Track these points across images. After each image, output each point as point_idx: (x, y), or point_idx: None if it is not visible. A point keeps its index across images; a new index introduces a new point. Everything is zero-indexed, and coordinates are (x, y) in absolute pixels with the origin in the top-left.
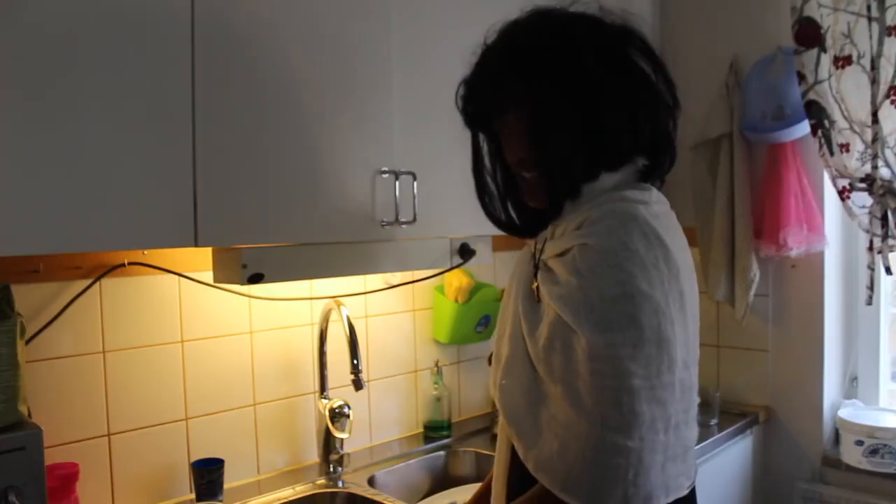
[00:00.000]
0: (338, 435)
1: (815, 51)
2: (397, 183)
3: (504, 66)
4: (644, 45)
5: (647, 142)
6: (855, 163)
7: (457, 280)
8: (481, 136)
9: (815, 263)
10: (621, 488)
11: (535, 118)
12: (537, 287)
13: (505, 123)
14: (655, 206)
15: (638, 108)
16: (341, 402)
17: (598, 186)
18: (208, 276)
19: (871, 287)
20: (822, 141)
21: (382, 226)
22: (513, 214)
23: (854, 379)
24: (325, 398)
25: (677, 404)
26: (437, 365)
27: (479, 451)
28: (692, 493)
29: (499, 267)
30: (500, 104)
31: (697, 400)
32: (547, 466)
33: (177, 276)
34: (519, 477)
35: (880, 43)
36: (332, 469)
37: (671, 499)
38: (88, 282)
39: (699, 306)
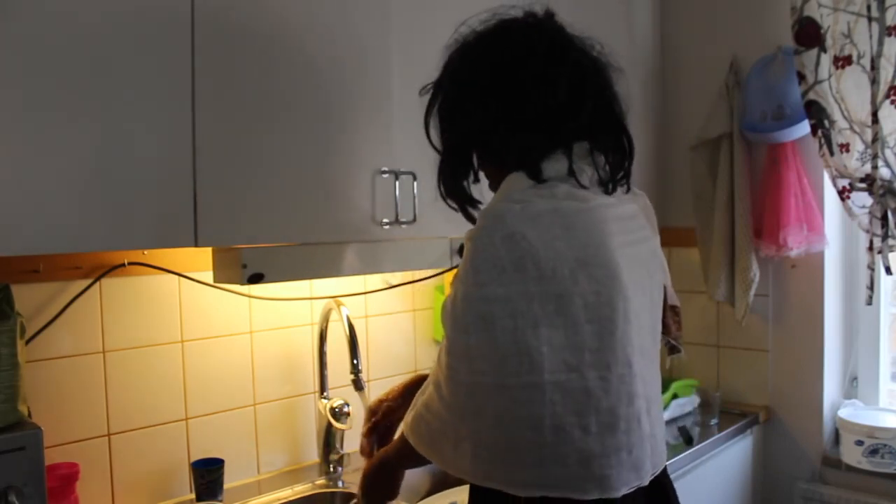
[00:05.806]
0: (339, 426)
1: (815, 51)
2: (397, 183)
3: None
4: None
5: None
6: (855, 163)
7: None
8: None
9: (815, 263)
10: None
11: (451, 102)
12: None
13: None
14: (542, 204)
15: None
16: (342, 402)
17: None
18: (208, 276)
19: (871, 287)
20: (822, 141)
21: (382, 226)
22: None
23: (854, 379)
24: (325, 398)
25: (555, 407)
26: None
27: None
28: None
29: None
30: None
31: (617, 408)
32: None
33: (177, 276)
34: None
35: (880, 43)
36: (332, 469)
37: (570, 495)
38: (88, 282)
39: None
